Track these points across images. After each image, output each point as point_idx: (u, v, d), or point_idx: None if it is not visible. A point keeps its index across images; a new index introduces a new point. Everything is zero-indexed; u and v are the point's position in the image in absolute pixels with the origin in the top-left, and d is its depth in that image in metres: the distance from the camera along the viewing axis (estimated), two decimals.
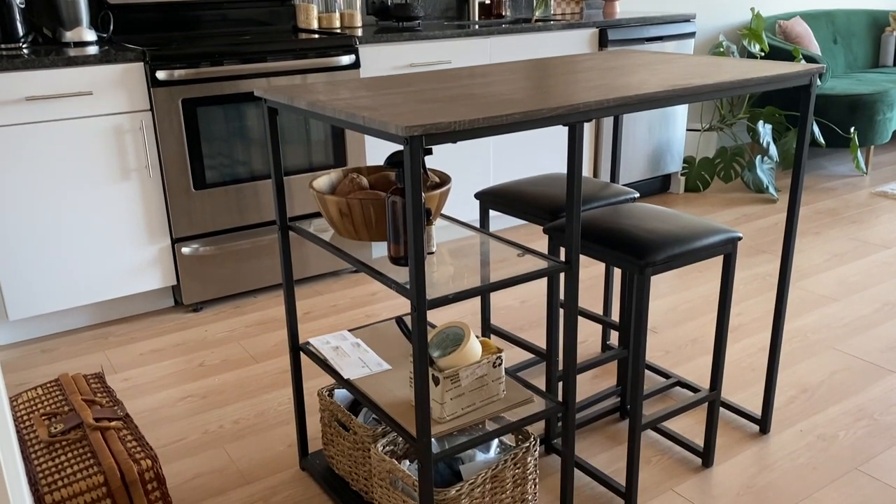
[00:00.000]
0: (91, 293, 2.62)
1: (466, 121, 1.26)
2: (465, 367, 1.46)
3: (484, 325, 2.27)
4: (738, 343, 2.51)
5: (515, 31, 3.25)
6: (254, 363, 2.45)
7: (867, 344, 2.47)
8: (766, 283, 2.97)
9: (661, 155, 3.92)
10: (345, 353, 1.74)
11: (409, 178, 1.24)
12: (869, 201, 3.95)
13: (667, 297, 2.86)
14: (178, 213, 2.68)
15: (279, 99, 1.57)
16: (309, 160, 2.88)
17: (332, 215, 1.61)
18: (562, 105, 1.35)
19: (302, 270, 2.99)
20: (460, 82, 1.66)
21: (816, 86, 1.73)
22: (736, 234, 1.72)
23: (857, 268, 3.09)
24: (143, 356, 2.51)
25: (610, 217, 1.77)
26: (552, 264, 1.49)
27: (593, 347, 2.50)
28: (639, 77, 1.66)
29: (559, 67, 1.85)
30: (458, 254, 1.60)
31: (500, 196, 2.06)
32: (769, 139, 3.99)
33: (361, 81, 1.71)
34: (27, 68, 2.34)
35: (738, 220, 3.69)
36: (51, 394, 1.68)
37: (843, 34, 5.14)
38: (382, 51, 2.95)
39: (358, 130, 1.35)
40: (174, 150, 2.62)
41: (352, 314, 2.78)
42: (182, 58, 2.56)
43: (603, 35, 3.49)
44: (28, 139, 2.39)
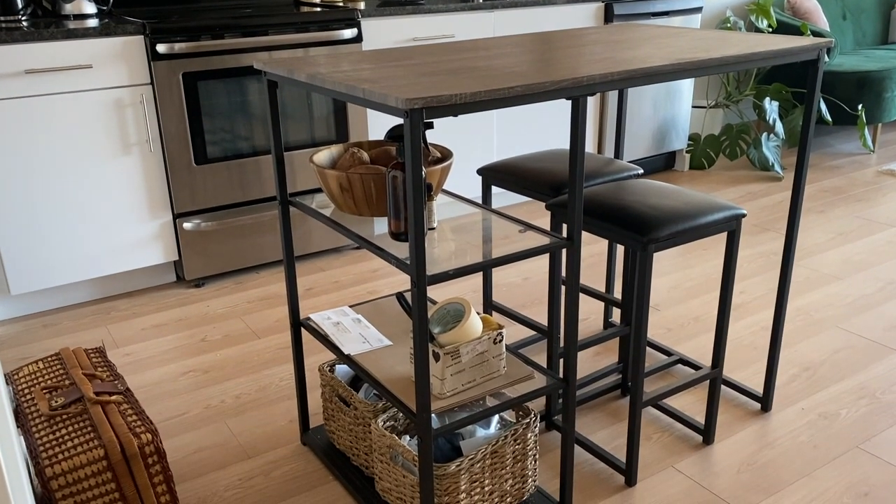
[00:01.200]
0: (93, 268, 2.61)
1: (468, 93, 1.24)
2: (466, 344, 1.45)
3: (486, 302, 2.26)
4: (741, 321, 2.50)
5: (520, 4, 3.20)
6: (255, 338, 2.45)
7: (870, 322, 2.46)
8: (770, 261, 2.96)
9: (666, 132, 3.89)
10: (346, 329, 1.73)
11: (410, 151, 1.22)
12: (875, 179, 3.92)
13: (670, 275, 2.85)
14: (180, 188, 2.67)
15: (279, 72, 1.55)
16: (311, 135, 2.86)
17: (333, 190, 1.60)
18: (565, 78, 1.33)
19: (304, 246, 2.98)
20: (463, 55, 1.64)
21: (824, 61, 1.71)
22: (740, 211, 1.71)
23: (861, 246, 3.07)
24: (145, 331, 2.51)
25: (613, 193, 1.76)
26: (554, 241, 1.48)
27: (595, 324, 2.50)
28: (644, 51, 1.63)
29: (563, 41, 1.83)
30: (460, 230, 1.59)
31: (503, 172, 2.05)
32: (775, 116, 3.95)
33: (363, 54, 1.69)
34: (26, 41, 2.31)
35: (743, 197, 3.67)
36: (52, 367, 1.68)
37: (853, 10, 5.07)
38: (385, 24, 2.92)
39: (358, 103, 1.33)
40: (175, 125, 2.60)
41: (354, 290, 2.77)
42: (182, 31, 2.53)
43: (609, 9, 3.45)
44: (28, 113, 2.38)
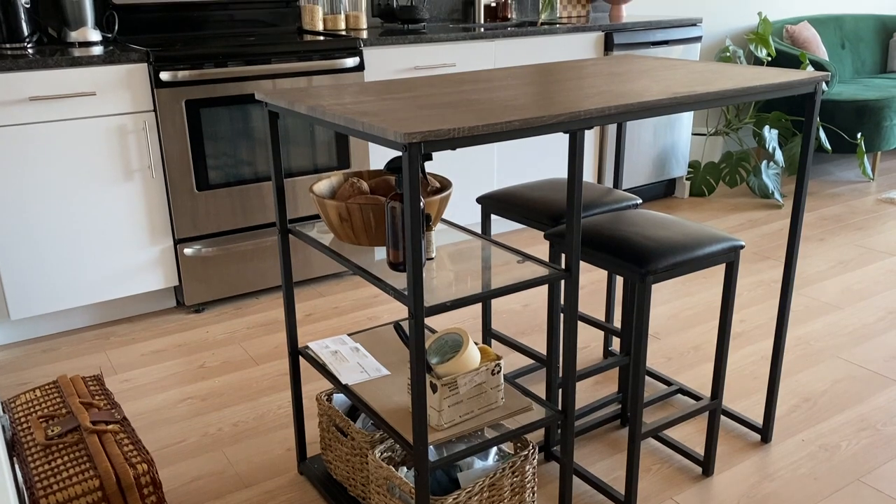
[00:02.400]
0: (93, 293, 2.62)
1: (465, 128, 1.25)
2: (464, 375, 1.45)
3: (484, 331, 2.26)
4: (741, 350, 2.49)
5: (521, 34, 3.24)
6: (254, 365, 2.45)
7: (871, 353, 2.45)
8: (770, 289, 2.96)
9: (666, 159, 3.91)
10: (343, 358, 1.73)
11: (408, 184, 1.23)
12: (875, 208, 3.93)
13: (669, 304, 2.85)
14: (181, 214, 2.68)
15: (280, 103, 1.57)
16: (313, 161, 2.88)
17: (332, 220, 1.61)
18: (562, 112, 1.34)
19: (304, 272, 2.99)
20: (463, 87, 1.65)
21: (822, 92, 1.72)
22: (738, 243, 1.71)
23: (861, 275, 3.07)
24: (144, 357, 2.51)
25: (611, 224, 1.76)
26: (552, 272, 1.48)
27: (595, 353, 2.49)
28: (642, 84, 1.65)
29: (562, 73, 1.84)
30: (458, 259, 1.59)
31: (502, 201, 2.05)
32: (775, 144, 3.97)
33: (364, 86, 1.71)
34: (31, 68, 2.34)
35: (743, 225, 3.68)
36: (49, 396, 1.68)
37: (851, 39, 5.11)
38: (387, 53, 2.95)
39: (358, 136, 1.34)
40: (177, 151, 2.62)
41: (353, 316, 2.77)
42: (186, 59, 2.56)
43: (609, 39, 3.48)
44: (31, 139, 2.40)
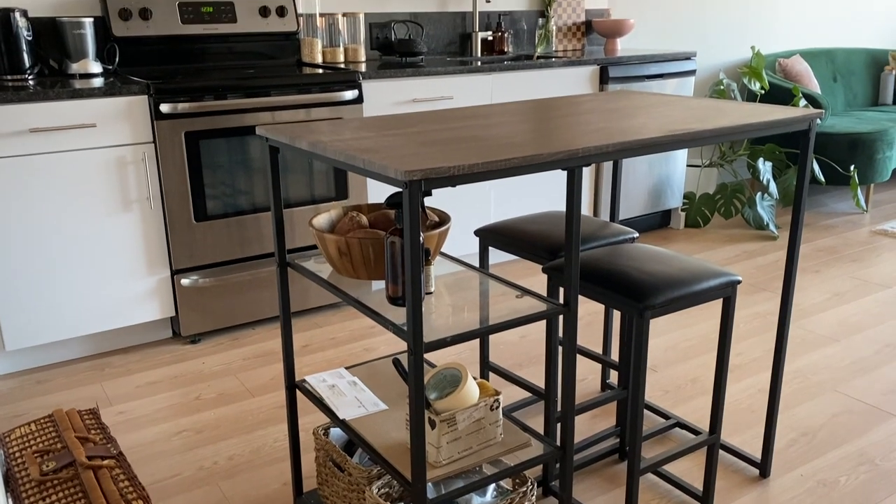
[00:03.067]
0: (89, 324, 2.61)
1: (465, 165, 1.26)
2: (462, 411, 1.45)
3: (482, 363, 2.26)
4: (738, 383, 2.49)
5: (517, 67, 3.27)
6: (250, 397, 2.43)
7: (868, 386, 2.45)
8: (767, 321, 2.96)
9: (661, 190, 3.93)
10: (341, 392, 1.73)
11: (408, 221, 1.24)
12: (869, 240, 3.95)
13: (666, 335, 2.85)
14: (179, 245, 2.68)
15: (281, 138, 1.58)
16: (311, 192, 2.89)
17: (331, 254, 1.61)
18: (561, 150, 1.36)
19: (302, 302, 2.98)
20: (462, 123, 1.67)
21: (815, 129, 1.74)
22: (735, 278, 1.72)
23: (857, 307, 3.08)
24: (140, 388, 2.50)
25: (609, 258, 1.77)
26: (550, 307, 1.48)
27: (593, 385, 2.49)
28: (638, 121, 1.67)
29: (560, 109, 1.86)
30: (457, 293, 1.59)
31: (500, 234, 2.06)
32: (769, 176, 4.01)
33: (364, 121, 1.72)
34: (32, 100, 2.35)
35: (739, 256, 3.69)
36: (44, 430, 1.66)
37: (843, 72, 5.18)
38: (386, 86, 2.98)
39: (358, 173, 1.35)
40: (176, 182, 2.63)
41: (350, 347, 2.76)
42: (186, 91, 2.58)
43: (604, 72, 3.52)
44: (30, 170, 2.41)
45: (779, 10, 5.06)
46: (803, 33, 5.27)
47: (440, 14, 3.71)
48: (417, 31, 3.65)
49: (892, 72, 5.24)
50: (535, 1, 4.01)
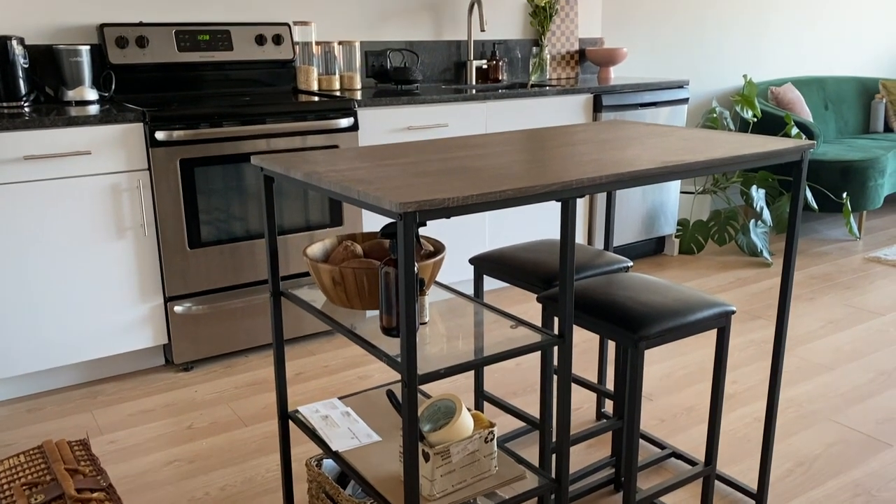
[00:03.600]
0: (81, 352, 2.59)
1: (460, 197, 1.27)
2: (457, 443, 1.43)
3: (476, 392, 2.25)
4: (734, 412, 2.48)
5: (512, 95, 3.30)
6: (242, 426, 2.41)
7: (863, 415, 2.45)
8: (762, 349, 2.96)
9: (655, 217, 3.95)
10: (334, 423, 1.71)
11: (403, 253, 1.24)
12: (863, 266, 3.96)
13: (661, 363, 2.84)
14: (172, 272, 2.68)
15: (276, 168, 1.58)
16: (306, 219, 2.89)
17: (325, 283, 1.61)
18: (555, 182, 1.36)
19: (295, 329, 2.97)
20: (456, 153, 1.68)
21: (808, 160, 1.75)
22: (729, 308, 1.72)
23: (851, 335, 3.08)
24: (132, 417, 2.47)
25: (603, 288, 1.77)
26: (545, 338, 1.48)
27: (588, 414, 2.47)
28: (632, 151, 1.68)
29: (553, 139, 1.87)
30: (451, 323, 1.59)
31: (494, 262, 2.06)
32: (762, 204, 4.03)
33: (359, 151, 1.73)
34: (27, 128, 2.36)
35: (733, 283, 3.70)
36: (33, 461, 1.64)
37: (834, 100, 5.24)
38: (381, 114, 2.99)
39: (353, 204, 1.35)
40: (170, 209, 2.63)
41: (343, 375, 2.75)
42: (181, 119, 2.59)
43: (597, 101, 3.55)
44: (23, 197, 2.40)
45: (770, 38, 5.13)
46: (794, 62, 5.34)
47: (435, 42, 3.75)
48: (413, 60, 3.68)
49: (883, 100, 5.29)
50: (530, 30, 4.05)
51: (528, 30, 4.05)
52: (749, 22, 4.97)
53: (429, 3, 3.69)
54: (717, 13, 4.79)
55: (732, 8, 4.86)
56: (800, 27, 5.29)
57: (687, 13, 4.65)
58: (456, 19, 3.79)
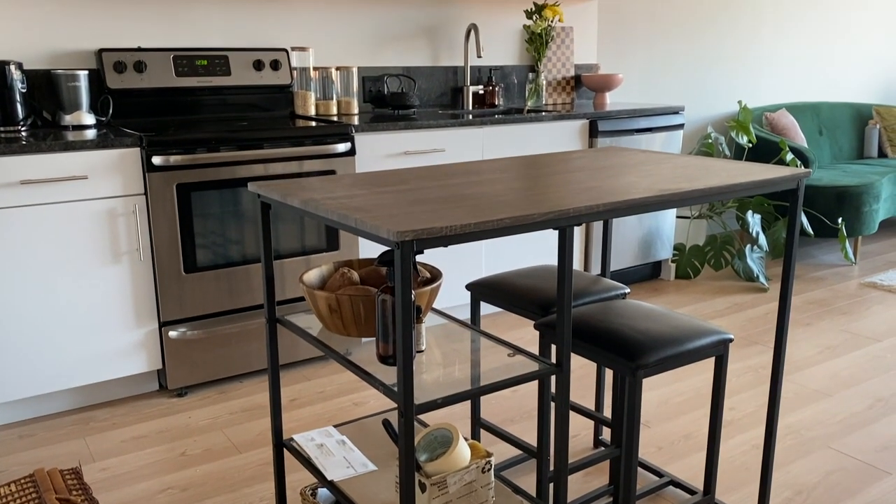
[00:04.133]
0: (74, 377, 2.57)
1: (457, 226, 1.26)
2: (454, 473, 1.42)
3: (473, 420, 2.23)
4: (732, 439, 2.47)
5: (508, 121, 3.31)
6: (237, 453, 2.39)
7: (862, 443, 2.43)
8: (759, 375, 2.95)
9: (651, 242, 3.95)
10: (329, 452, 1.70)
11: (400, 282, 1.23)
12: (859, 292, 3.97)
13: (659, 390, 2.83)
14: (168, 297, 2.66)
15: (273, 195, 1.58)
16: (302, 243, 2.89)
17: (322, 310, 1.60)
18: (552, 210, 1.36)
19: (290, 355, 2.95)
20: (453, 180, 1.68)
21: (803, 188, 1.76)
22: (727, 336, 1.72)
23: (848, 361, 3.07)
24: (125, 443, 2.45)
25: (601, 315, 1.77)
26: (543, 366, 1.47)
27: (585, 441, 2.45)
28: (628, 179, 1.68)
29: (549, 166, 1.88)
30: (448, 351, 1.58)
31: (491, 288, 2.06)
32: (758, 229, 4.04)
33: (356, 178, 1.73)
34: (24, 152, 2.36)
35: (730, 308, 3.70)
36: (24, 490, 1.62)
37: (828, 126, 5.27)
38: (378, 139, 3.00)
39: (351, 232, 1.35)
40: (166, 234, 2.62)
41: (339, 402, 2.73)
42: (178, 144, 2.59)
43: (593, 126, 3.57)
44: (19, 221, 2.40)
45: (764, 64, 5.17)
46: (789, 87, 5.38)
47: (432, 68, 3.77)
48: (410, 85, 3.70)
49: (877, 126, 5.33)
50: (526, 56, 4.08)
51: (525, 56, 4.08)
52: (743, 48, 5.02)
53: (426, 29, 3.72)
54: (712, 39, 4.84)
55: (727, 34, 4.91)
56: (794, 53, 5.34)
57: (682, 39, 4.70)
58: (453, 45, 3.82)
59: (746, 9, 4.97)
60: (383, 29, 3.59)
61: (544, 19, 3.88)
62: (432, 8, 3.72)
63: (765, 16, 5.09)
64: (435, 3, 3.72)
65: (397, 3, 3.61)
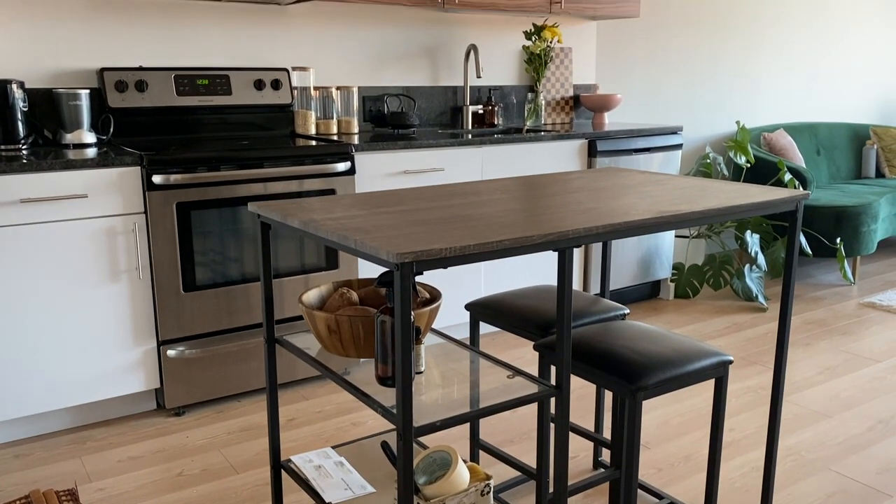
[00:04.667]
0: (72, 396, 2.56)
1: (457, 247, 1.27)
2: (453, 496, 1.41)
3: (472, 442, 2.22)
4: (732, 461, 2.45)
5: (507, 140, 3.33)
6: (234, 473, 2.37)
7: (863, 464, 2.42)
8: (759, 396, 2.94)
9: (650, 261, 3.96)
10: (327, 474, 1.69)
11: (399, 303, 1.23)
12: (858, 312, 3.96)
13: (658, 410, 2.82)
14: (166, 316, 2.66)
15: (273, 216, 1.58)
16: (301, 262, 2.89)
17: (321, 331, 1.60)
18: (552, 232, 1.36)
19: (288, 374, 2.94)
20: (452, 201, 1.68)
21: (802, 210, 1.76)
22: (727, 358, 1.71)
23: (848, 382, 3.07)
24: (121, 463, 2.43)
25: (600, 337, 1.76)
26: (542, 388, 1.47)
27: (584, 463, 2.44)
28: (627, 200, 1.68)
29: (549, 187, 1.88)
30: (447, 373, 1.58)
31: (491, 308, 2.06)
32: (757, 249, 4.04)
33: (355, 198, 1.73)
34: (25, 171, 2.36)
35: (729, 328, 3.69)
36: None
37: (826, 146, 5.30)
38: (378, 158, 3.01)
39: (351, 253, 1.35)
40: (166, 253, 2.62)
41: (337, 421, 2.71)
42: (179, 163, 2.60)
43: (592, 146, 3.58)
44: (18, 240, 2.40)
45: (762, 85, 5.20)
46: (786, 108, 5.41)
47: (432, 88, 3.79)
48: (409, 105, 3.72)
49: (874, 146, 5.36)
50: (525, 76, 4.11)
51: (524, 76, 4.10)
52: (741, 69, 5.05)
53: (426, 49, 3.74)
54: (710, 60, 4.87)
55: (725, 55, 4.94)
56: (791, 74, 5.37)
57: (680, 60, 4.73)
58: (452, 65, 3.84)
59: (744, 30, 5.01)
60: (384, 49, 3.62)
61: (543, 40, 3.91)
62: (432, 29, 3.74)
63: (762, 37, 5.13)
64: (435, 23, 3.75)
65: (398, 24, 3.64)
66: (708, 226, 4.42)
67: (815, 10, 5.41)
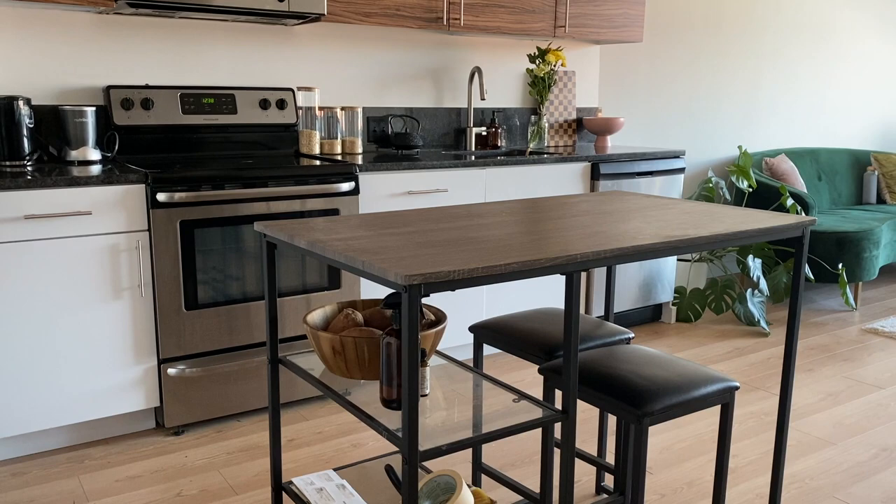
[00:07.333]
0: (69, 414, 2.54)
1: (465, 270, 1.26)
2: None
3: (475, 465, 2.20)
4: (735, 488, 2.43)
5: (510, 162, 3.33)
6: (233, 494, 2.35)
7: (867, 493, 2.40)
8: (762, 422, 2.92)
9: (652, 284, 3.95)
10: (329, 497, 1.67)
11: (407, 326, 1.22)
12: (860, 338, 3.95)
13: (661, 435, 2.80)
14: (168, 334, 2.65)
15: (279, 236, 1.58)
16: (304, 282, 2.88)
17: (325, 352, 1.59)
18: (559, 255, 1.36)
19: (289, 394, 2.93)
20: (457, 223, 1.68)
21: (808, 236, 1.76)
22: (733, 384, 1.70)
23: (852, 409, 3.05)
24: (119, 483, 2.41)
25: (606, 361, 1.75)
26: (548, 413, 1.46)
27: (587, 488, 2.42)
28: (634, 224, 1.68)
29: (554, 210, 1.88)
30: (451, 393, 1.56)
31: (495, 331, 2.05)
32: (759, 273, 4.04)
33: (361, 219, 1.73)
34: (29, 187, 2.36)
35: (731, 353, 3.68)
36: None
37: (827, 172, 5.31)
38: (382, 178, 3.01)
39: (358, 274, 1.35)
40: (168, 271, 2.61)
41: (338, 442, 2.69)
42: (183, 181, 2.60)
43: (595, 169, 3.59)
44: (21, 256, 2.39)
45: (764, 110, 5.23)
46: (788, 133, 5.43)
47: (436, 109, 3.81)
48: (413, 125, 3.73)
49: (875, 172, 5.37)
50: (528, 99, 4.13)
51: (527, 99, 4.12)
52: (743, 94, 5.08)
53: (430, 71, 3.76)
54: (712, 85, 4.90)
55: (727, 80, 4.97)
56: (793, 99, 5.40)
57: (682, 85, 4.75)
58: (456, 87, 3.86)
59: (747, 55, 5.04)
60: (388, 70, 3.63)
61: (547, 63, 3.93)
62: (437, 51, 3.77)
63: (765, 63, 5.16)
64: (440, 45, 3.77)
65: (402, 46, 3.66)
66: (710, 250, 4.42)
67: (818, 37, 5.45)
